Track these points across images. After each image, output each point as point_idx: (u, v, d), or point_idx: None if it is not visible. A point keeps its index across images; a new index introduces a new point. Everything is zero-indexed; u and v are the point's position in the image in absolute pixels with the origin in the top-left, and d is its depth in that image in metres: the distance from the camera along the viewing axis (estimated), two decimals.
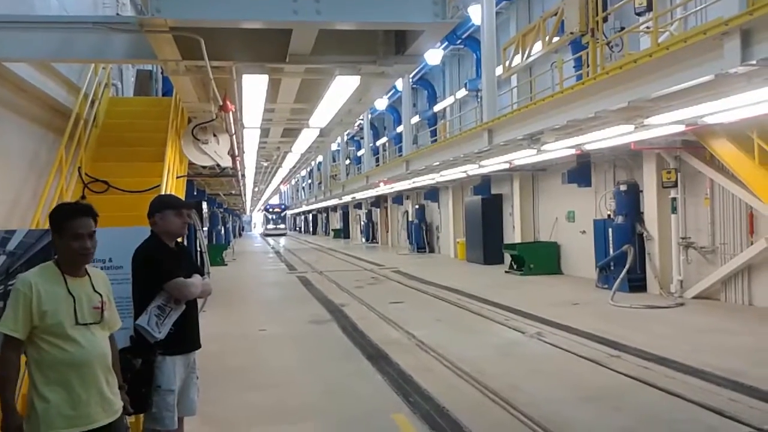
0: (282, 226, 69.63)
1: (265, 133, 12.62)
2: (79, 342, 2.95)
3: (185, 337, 4.04)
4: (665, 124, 9.64)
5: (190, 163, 11.02)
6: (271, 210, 69.94)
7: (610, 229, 13.78)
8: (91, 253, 3.08)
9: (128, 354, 3.69)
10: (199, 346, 4.22)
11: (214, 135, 10.20)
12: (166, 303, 3.89)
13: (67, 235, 3.02)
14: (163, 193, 7.51)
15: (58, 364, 2.93)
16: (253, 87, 7.53)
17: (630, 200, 13.57)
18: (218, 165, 11.03)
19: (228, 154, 10.54)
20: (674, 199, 12.46)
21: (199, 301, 4.31)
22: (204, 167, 11.81)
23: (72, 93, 8.84)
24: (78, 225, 3.02)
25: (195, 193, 18.69)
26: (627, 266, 12.92)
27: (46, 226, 6.39)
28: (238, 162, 12.90)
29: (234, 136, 10.18)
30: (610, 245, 13.67)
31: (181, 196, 10.08)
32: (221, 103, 8.03)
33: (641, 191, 13.52)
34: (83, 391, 2.95)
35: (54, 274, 3.02)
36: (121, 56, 6.55)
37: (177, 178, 9.61)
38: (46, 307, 2.92)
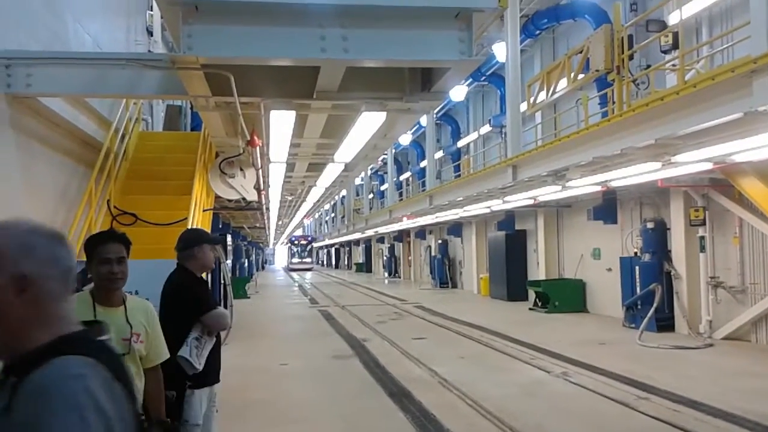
0: (308, 260, 61.81)
1: (290, 167, 12.76)
2: None
3: (211, 370, 4.03)
4: (693, 162, 9.54)
5: (217, 197, 11.15)
6: (296, 242, 62.39)
7: (636, 267, 13.58)
8: (120, 279, 3.06)
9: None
10: (218, 380, 4.21)
11: (241, 169, 10.34)
12: (201, 334, 3.90)
13: (96, 261, 3.05)
14: (190, 226, 7.60)
15: None
16: (281, 122, 7.64)
17: (657, 238, 13.38)
18: (244, 198, 11.16)
19: (254, 188, 10.67)
20: (702, 237, 12.27)
21: (222, 334, 4.32)
22: (230, 200, 11.95)
23: (103, 127, 9.05)
24: (106, 250, 3.05)
25: (220, 226, 18.83)
26: (655, 305, 12.68)
27: (76, 258, 6.50)
28: (263, 196, 13.03)
29: (260, 171, 10.30)
30: (637, 283, 13.45)
31: (208, 229, 10.19)
32: (249, 138, 8.16)
33: (668, 229, 13.34)
34: None
35: (85, 303, 3.03)
36: (152, 92, 6.71)
37: (203, 211, 9.73)
38: None
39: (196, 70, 5.40)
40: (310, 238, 65.08)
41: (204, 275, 4.40)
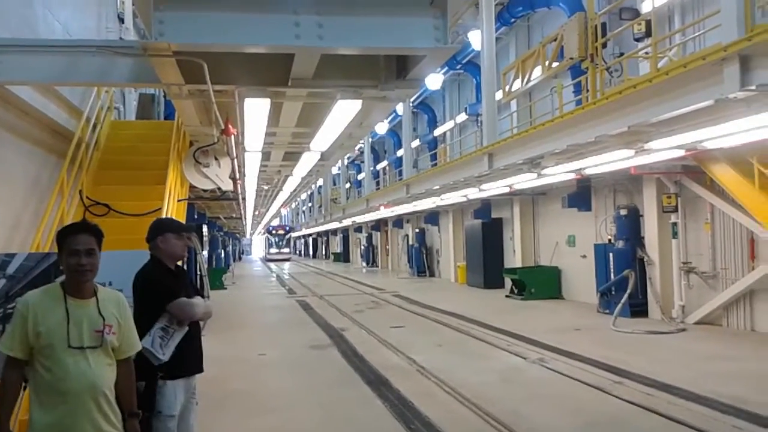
0: (286, 250, 61.25)
1: (266, 156, 12.67)
2: (67, 368, 2.88)
3: (187, 361, 3.99)
4: (665, 149, 9.66)
5: (191, 187, 11.04)
6: (273, 232, 61.36)
7: (610, 254, 13.75)
8: (88, 271, 3.01)
9: None
10: (201, 370, 4.17)
11: (216, 158, 10.24)
12: (169, 324, 3.86)
13: (65, 252, 3.01)
14: (163, 216, 7.52)
15: (47, 388, 2.89)
16: (255, 111, 7.57)
17: (630, 225, 13.56)
18: (219, 188, 11.06)
19: (229, 177, 10.58)
20: (675, 223, 12.45)
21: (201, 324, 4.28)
22: (205, 190, 11.83)
23: (74, 116, 8.89)
24: (76, 241, 3.00)
25: (196, 217, 18.70)
26: (628, 291, 12.86)
27: (47, 249, 6.40)
28: (239, 185, 12.93)
29: (235, 160, 10.21)
30: (611, 270, 13.62)
31: (182, 219, 10.09)
32: (223, 127, 8.08)
33: (641, 216, 13.52)
34: (70, 419, 2.88)
35: (56, 295, 2.99)
36: (124, 80, 6.58)
37: (178, 201, 9.63)
38: (41, 327, 2.89)
39: (168, 57, 5.32)
40: (287, 228, 64.02)
41: (180, 265, 4.34)
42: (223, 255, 36.12)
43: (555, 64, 12.48)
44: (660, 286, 12.91)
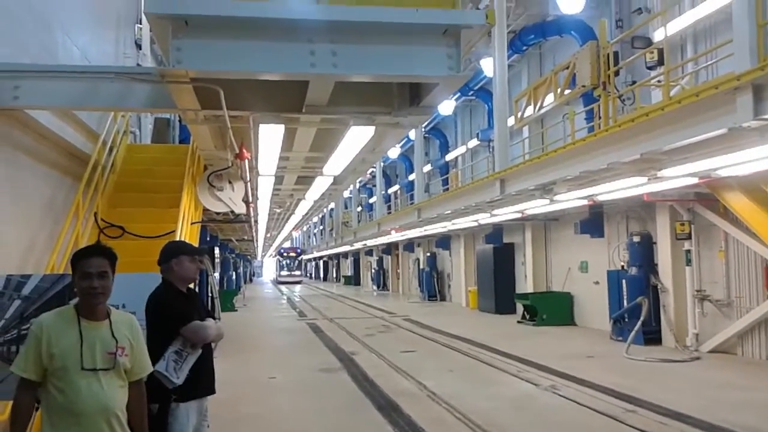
0: (297, 272, 60.05)
1: (279, 180, 12.76)
2: (80, 390, 2.91)
3: (200, 383, 4.00)
4: (678, 177, 9.64)
5: (205, 209, 11.12)
6: (285, 254, 60.52)
7: (623, 281, 13.65)
8: (100, 294, 3.03)
9: None
10: (213, 391, 4.18)
11: (230, 182, 10.31)
12: (182, 348, 3.87)
13: (77, 275, 3.04)
14: (177, 239, 7.58)
15: (60, 410, 2.91)
16: (269, 136, 7.66)
17: (643, 252, 13.48)
18: (232, 211, 11.12)
19: (242, 200, 10.64)
20: (688, 251, 12.37)
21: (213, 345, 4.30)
22: (218, 213, 11.91)
23: (91, 140, 9.01)
24: (88, 264, 3.03)
25: (208, 239, 18.81)
26: (642, 318, 12.75)
27: (61, 270, 6.46)
28: (251, 208, 13.00)
29: (249, 184, 10.29)
30: (624, 297, 13.53)
31: (195, 241, 10.16)
32: (237, 152, 8.15)
33: (654, 243, 13.44)
34: None
35: (70, 317, 3.02)
36: (141, 105, 6.69)
37: (191, 224, 9.69)
38: (55, 349, 2.92)
39: (185, 83, 5.41)
40: (299, 251, 63.48)
41: (192, 287, 4.37)
42: (234, 277, 36.17)
43: (567, 92, 12.54)
44: (674, 314, 12.78)
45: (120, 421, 3.02)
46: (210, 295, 13.57)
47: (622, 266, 14.18)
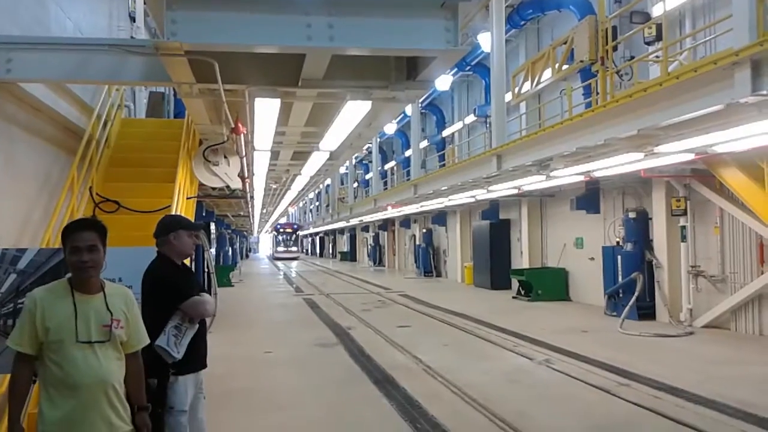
0: (294, 248, 58.67)
1: (275, 155, 12.72)
2: (77, 363, 2.91)
3: (196, 357, 4.02)
4: (675, 153, 9.64)
5: (200, 184, 11.09)
6: (281, 230, 58.99)
7: (619, 257, 13.72)
8: (90, 267, 3.01)
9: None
10: (206, 365, 4.20)
11: (225, 157, 10.29)
12: (181, 322, 3.88)
13: (68, 249, 3.03)
14: (173, 213, 7.56)
15: (57, 383, 2.92)
16: (265, 110, 7.61)
17: (639, 228, 13.53)
18: (228, 186, 11.10)
19: (238, 176, 10.62)
20: (684, 227, 12.41)
21: (207, 321, 4.31)
22: (214, 188, 11.89)
23: (85, 114, 8.95)
24: (77, 238, 3.01)
25: (204, 214, 18.77)
26: (636, 294, 12.83)
27: (57, 245, 6.45)
28: (247, 184, 12.98)
29: (244, 159, 10.25)
30: (619, 272, 13.60)
31: (191, 216, 10.14)
32: (233, 126, 8.12)
33: (650, 219, 13.48)
34: (81, 413, 2.91)
35: (63, 291, 3.02)
36: (135, 78, 6.64)
37: (187, 199, 9.67)
38: (49, 323, 2.92)
39: (179, 56, 5.36)
40: (295, 226, 62.04)
41: (186, 262, 4.37)
42: (230, 253, 36.22)
43: (565, 67, 12.46)
44: (668, 290, 12.87)
45: (117, 393, 3.02)
46: (206, 270, 13.60)
47: (618, 242, 14.23)
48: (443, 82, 24.11)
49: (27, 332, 2.93)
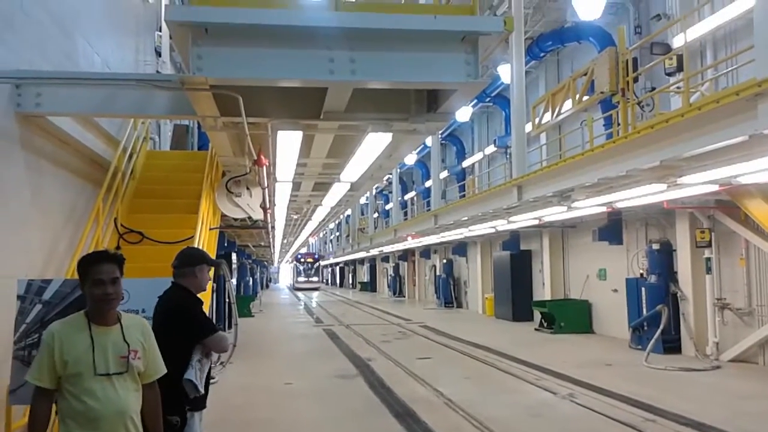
0: (315, 279, 57.14)
1: (296, 186, 12.80)
2: (95, 395, 2.92)
3: (206, 393, 4.02)
4: (698, 184, 9.55)
5: (223, 215, 11.19)
6: (302, 259, 57.51)
7: (642, 289, 13.52)
8: (113, 299, 3.04)
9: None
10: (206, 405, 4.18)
11: (247, 188, 10.38)
12: (202, 356, 3.88)
13: (89, 282, 3.04)
14: (194, 245, 7.63)
15: (76, 415, 2.92)
16: (287, 142, 7.70)
17: (663, 259, 13.35)
18: (250, 217, 11.19)
19: (260, 206, 10.70)
20: (708, 259, 12.23)
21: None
22: (236, 219, 11.98)
23: (111, 146, 9.11)
24: (99, 270, 3.03)
25: (226, 245, 18.90)
26: (661, 327, 12.61)
27: None
28: (269, 214, 13.07)
29: (266, 190, 10.34)
30: (644, 305, 13.39)
31: (213, 247, 10.23)
32: (256, 158, 8.20)
33: (674, 250, 13.31)
34: None
35: (80, 324, 3.04)
36: (161, 112, 6.77)
37: (210, 229, 9.76)
38: (67, 356, 2.93)
39: (204, 90, 5.46)
40: (316, 256, 61.01)
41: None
42: (251, 283, 36.31)
43: (585, 98, 12.47)
44: (694, 323, 12.63)
45: (135, 424, 3.03)
46: (227, 300, 13.66)
47: (641, 274, 14.05)
48: (463, 113, 24.22)
49: (46, 366, 2.95)
